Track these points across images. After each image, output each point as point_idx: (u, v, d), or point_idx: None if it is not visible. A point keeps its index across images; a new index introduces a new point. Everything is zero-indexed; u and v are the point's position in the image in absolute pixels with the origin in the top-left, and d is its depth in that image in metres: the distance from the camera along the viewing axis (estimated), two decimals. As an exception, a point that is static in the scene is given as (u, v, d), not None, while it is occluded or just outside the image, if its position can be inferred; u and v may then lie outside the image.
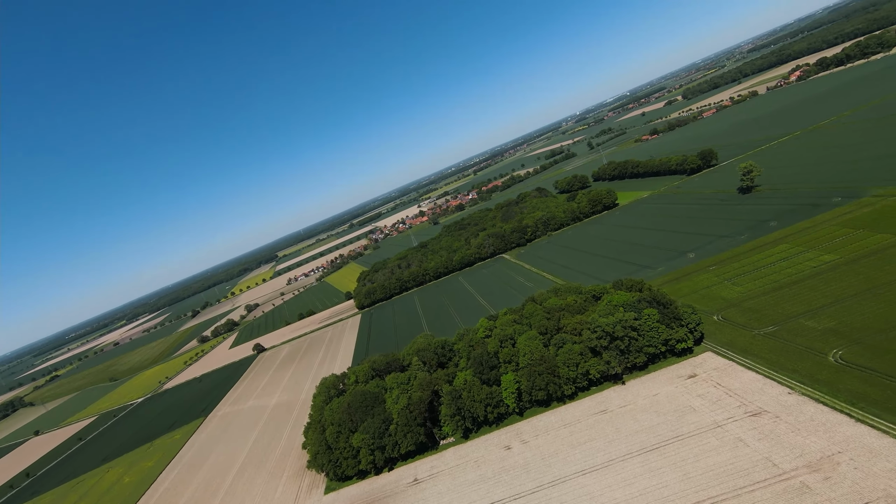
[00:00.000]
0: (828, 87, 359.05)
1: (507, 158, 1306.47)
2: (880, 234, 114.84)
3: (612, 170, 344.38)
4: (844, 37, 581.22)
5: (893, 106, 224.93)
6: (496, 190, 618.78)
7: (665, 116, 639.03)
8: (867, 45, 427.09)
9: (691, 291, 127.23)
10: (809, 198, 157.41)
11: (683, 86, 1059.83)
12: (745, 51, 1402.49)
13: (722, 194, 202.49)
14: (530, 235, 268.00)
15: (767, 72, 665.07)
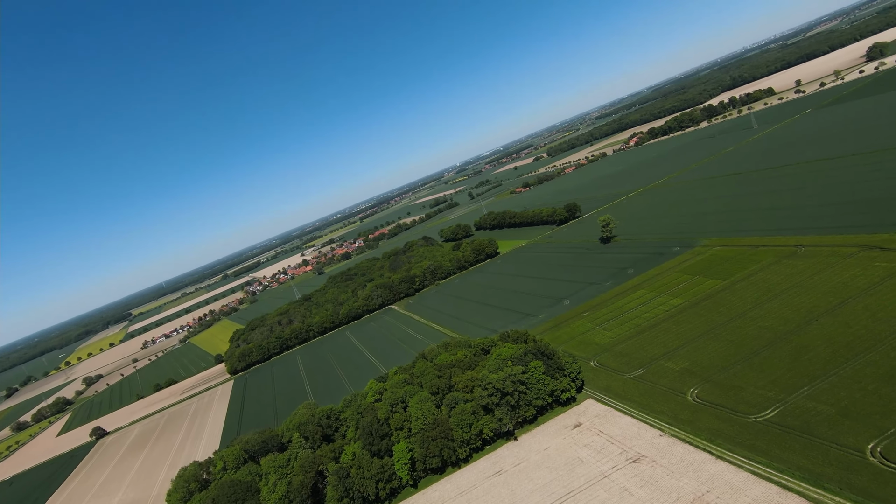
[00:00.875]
0: (658, 152, 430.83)
1: (394, 206, 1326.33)
2: (711, 280, 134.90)
3: (492, 220, 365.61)
4: (665, 112, 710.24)
5: (705, 170, 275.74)
6: (383, 238, 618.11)
7: (534, 171, 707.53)
8: (682, 119, 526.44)
9: (570, 338, 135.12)
10: (655, 247, 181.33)
11: (547, 144, 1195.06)
12: (594, 118, 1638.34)
13: (587, 244, 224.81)
14: (419, 285, 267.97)
15: (612, 137, 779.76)
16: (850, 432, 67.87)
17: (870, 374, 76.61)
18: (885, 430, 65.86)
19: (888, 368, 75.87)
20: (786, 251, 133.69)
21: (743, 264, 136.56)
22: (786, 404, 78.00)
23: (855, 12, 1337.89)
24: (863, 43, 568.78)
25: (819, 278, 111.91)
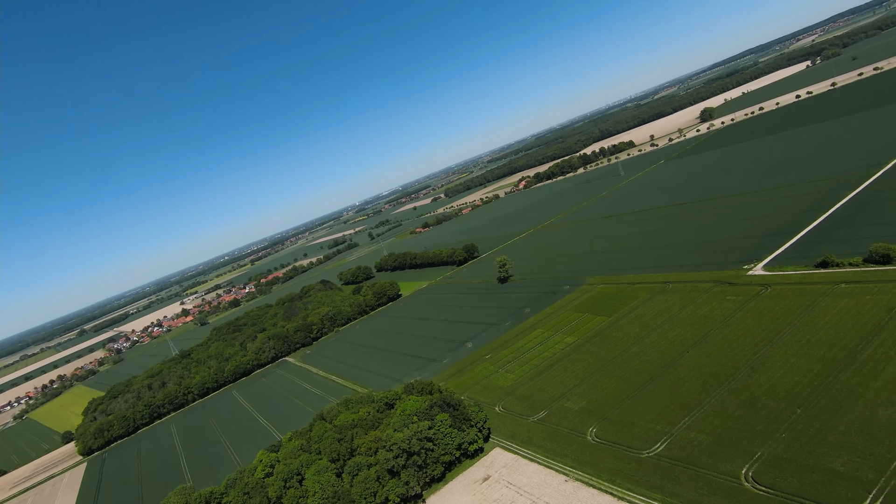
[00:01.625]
0: (544, 195, 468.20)
1: (289, 247, 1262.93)
2: (599, 317, 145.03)
3: (393, 261, 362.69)
4: (548, 158, 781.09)
5: (585, 213, 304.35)
6: (277, 282, 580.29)
7: (433, 211, 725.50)
8: (563, 165, 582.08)
9: (474, 383, 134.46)
10: (548, 286, 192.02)
11: (444, 185, 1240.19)
12: (486, 161, 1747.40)
13: (486, 284, 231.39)
14: (316, 333, 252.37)
15: (503, 179, 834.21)
16: (726, 459, 74.20)
17: (734, 401, 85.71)
18: (753, 454, 73.02)
19: (747, 395, 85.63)
20: (657, 287, 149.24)
21: (624, 301, 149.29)
22: (672, 436, 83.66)
23: (688, 81, 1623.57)
24: (697, 107, 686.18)
25: (686, 312, 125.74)
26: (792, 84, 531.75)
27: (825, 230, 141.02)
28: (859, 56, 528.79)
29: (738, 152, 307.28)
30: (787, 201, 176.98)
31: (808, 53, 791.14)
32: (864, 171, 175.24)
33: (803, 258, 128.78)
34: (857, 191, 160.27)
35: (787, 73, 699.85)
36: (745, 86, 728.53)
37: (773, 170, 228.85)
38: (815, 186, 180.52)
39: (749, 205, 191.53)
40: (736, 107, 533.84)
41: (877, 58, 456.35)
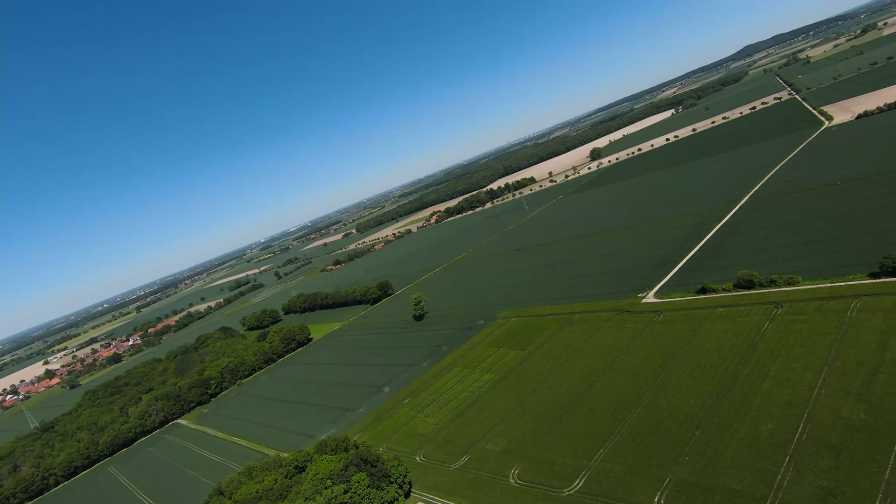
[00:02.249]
0: (455, 229, 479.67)
1: (183, 290, 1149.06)
2: (514, 351, 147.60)
3: (302, 302, 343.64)
4: (457, 193, 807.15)
5: (495, 246, 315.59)
6: (169, 332, 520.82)
7: (345, 248, 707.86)
8: (472, 200, 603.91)
9: (393, 431, 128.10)
10: (463, 322, 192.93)
11: (356, 220, 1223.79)
12: (397, 195, 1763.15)
13: (402, 322, 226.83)
14: (215, 389, 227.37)
15: (415, 214, 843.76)
16: (640, 489, 76.78)
17: (642, 428, 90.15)
18: (662, 480, 76.42)
19: (652, 421, 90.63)
20: (565, 318, 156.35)
21: (536, 333, 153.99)
22: (590, 471, 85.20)
23: (577, 123, 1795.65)
24: (587, 146, 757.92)
25: (592, 342, 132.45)
26: (662, 129, 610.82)
27: (700, 259, 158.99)
28: (711, 107, 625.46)
29: (624, 188, 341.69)
30: (668, 233, 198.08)
31: (672, 103, 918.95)
32: (725, 205, 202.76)
33: (686, 285, 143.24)
34: (721, 223, 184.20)
35: (657, 118, 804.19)
36: (625, 129, 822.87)
37: (654, 204, 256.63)
38: (688, 220, 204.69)
39: (637, 237, 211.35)
40: (619, 147, 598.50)
41: (724, 108, 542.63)
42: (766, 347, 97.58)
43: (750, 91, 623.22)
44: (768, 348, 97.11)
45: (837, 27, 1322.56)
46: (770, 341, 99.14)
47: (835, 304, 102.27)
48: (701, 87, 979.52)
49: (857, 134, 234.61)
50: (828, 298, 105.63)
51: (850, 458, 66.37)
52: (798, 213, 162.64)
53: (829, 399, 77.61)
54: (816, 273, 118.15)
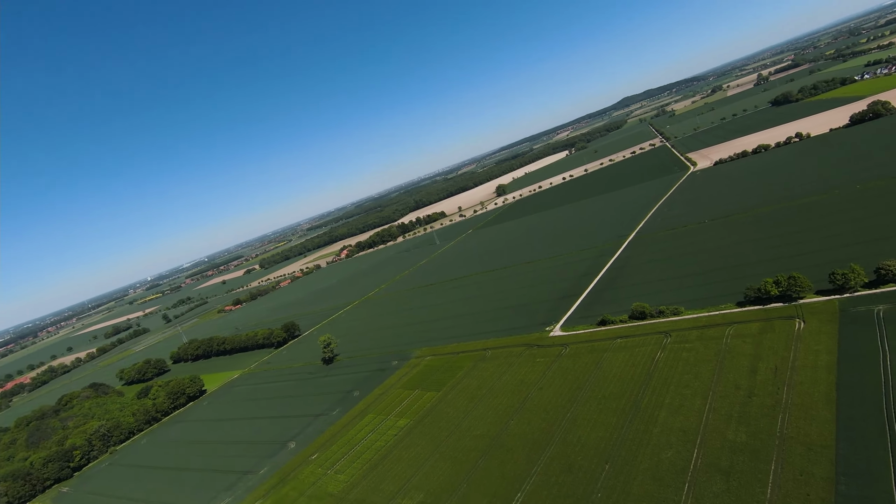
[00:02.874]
0: (367, 264, 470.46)
1: (45, 340, 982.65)
2: (429, 392, 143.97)
3: (195, 348, 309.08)
4: (368, 226, 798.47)
5: (408, 281, 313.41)
6: (22, 391, 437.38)
7: (247, 285, 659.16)
8: (383, 234, 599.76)
9: (299, 495, 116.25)
10: (377, 363, 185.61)
11: (259, 255, 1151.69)
12: (305, 229, 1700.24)
13: (310, 366, 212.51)
14: (80, 461, 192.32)
15: (324, 248, 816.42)
16: (558, 533, 76.28)
17: (556, 467, 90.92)
18: (578, 521, 76.76)
19: (565, 459, 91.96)
20: (478, 355, 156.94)
21: (451, 372, 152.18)
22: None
23: (483, 160, 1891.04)
24: (493, 183, 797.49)
25: (505, 379, 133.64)
26: (559, 168, 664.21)
27: (598, 292, 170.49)
28: (599, 150, 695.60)
29: (528, 224, 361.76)
30: (569, 267, 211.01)
31: (566, 145, 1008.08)
32: (616, 240, 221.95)
33: (588, 317, 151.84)
34: (614, 257, 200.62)
35: (554, 158, 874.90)
36: (526, 167, 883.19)
37: (556, 239, 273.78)
38: (586, 254, 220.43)
39: (542, 270, 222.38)
40: (522, 184, 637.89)
41: (610, 151, 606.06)
42: (660, 376, 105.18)
43: (630, 137, 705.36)
44: (662, 377, 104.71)
45: (693, 86, 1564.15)
46: (663, 370, 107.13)
47: (713, 332, 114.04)
48: (589, 132, 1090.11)
49: (715, 178, 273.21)
50: (707, 327, 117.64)
51: (739, 479, 72.04)
52: (676, 247, 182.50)
53: (716, 423, 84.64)
54: (696, 303, 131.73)
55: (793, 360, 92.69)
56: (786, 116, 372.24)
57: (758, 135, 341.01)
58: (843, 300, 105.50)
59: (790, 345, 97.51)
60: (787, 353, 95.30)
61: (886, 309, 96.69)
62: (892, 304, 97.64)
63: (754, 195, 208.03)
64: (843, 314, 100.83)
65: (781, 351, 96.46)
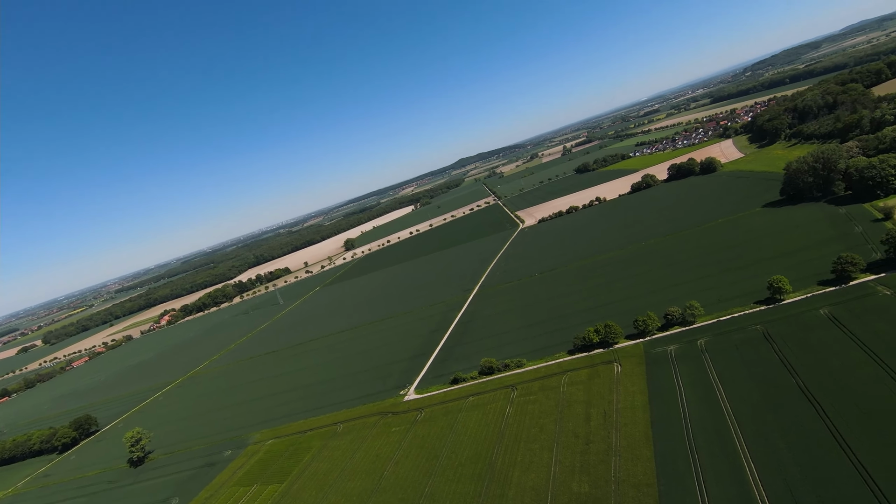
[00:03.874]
0: (195, 330, 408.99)
1: None
2: (271, 486, 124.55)
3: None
4: (198, 286, 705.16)
5: (246, 350, 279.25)
6: None
7: (19, 369, 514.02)
8: (216, 295, 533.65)
9: None
10: (204, 456, 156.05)
11: (44, 327, 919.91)
12: (114, 290, 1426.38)
13: (110, 473, 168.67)
14: None
15: (139, 314, 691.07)
16: None
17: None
18: None
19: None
20: (329, 431, 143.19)
21: (297, 456, 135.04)
22: None
23: (330, 213, 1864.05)
24: (340, 236, 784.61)
25: (359, 456, 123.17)
26: (405, 222, 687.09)
27: (449, 348, 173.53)
28: (442, 206, 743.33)
29: (378, 279, 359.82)
30: (419, 323, 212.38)
31: (412, 200, 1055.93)
32: (462, 294, 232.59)
33: (441, 376, 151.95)
34: (462, 311, 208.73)
35: (401, 213, 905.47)
36: (374, 221, 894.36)
37: (405, 295, 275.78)
38: (435, 309, 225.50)
39: (394, 329, 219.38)
40: (370, 238, 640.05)
41: (452, 208, 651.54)
42: (511, 433, 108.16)
43: (468, 195, 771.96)
44: (512, 433, 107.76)
45: (516, 152, 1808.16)
46: (513, 426, 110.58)
47: (552, 382, 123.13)
48: (432, 188, 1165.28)
49: (540, 234, 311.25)
50: (547, 377, 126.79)
51: (586, 534, 75.16)
52: (515, 299, 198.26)
53: (563, 477, 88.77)
54: (536, 353, 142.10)
55: (616, 402, 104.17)
56: (587, 182, 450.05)
57: (569, 197, 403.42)
58: (646, 342, 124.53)
59: (613, 388, 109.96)
60: (612, 396, 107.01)
61: (676, 348, 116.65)
62: (679, 343, 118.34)
63: (572, 250, 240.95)
64: (647, 355, 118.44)
65: (607, 395, 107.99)
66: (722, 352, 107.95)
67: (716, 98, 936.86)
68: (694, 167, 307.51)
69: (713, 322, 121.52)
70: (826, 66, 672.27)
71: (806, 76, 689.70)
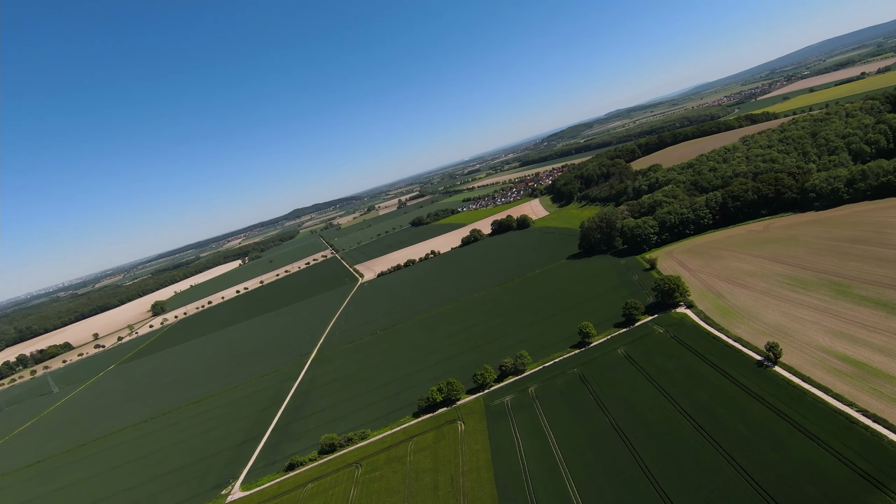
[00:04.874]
0: None
1: None
2: None
3: None
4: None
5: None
6: None
7: None
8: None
9: None
10: None
11: None
12: None
13: None
14: None
15: None
16: None
17: None
18: None
19: None
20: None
21: None
22: None
23: (133, 270, 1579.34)
24: (146, 299, 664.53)
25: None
26: (231, 279, 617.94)
27: (284, 427, 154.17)
28: (274, 260, 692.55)
29: (196, 349, 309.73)
30: (247, 401, 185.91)
31: (239, 254, 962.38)
32: (299, 360, 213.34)
33: (274, 463, 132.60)
34: (298, 380, 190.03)
35: (225, 268, 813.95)
36: (192, 279, 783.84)
37: (231, 367, 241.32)
38: (267, 381, 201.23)
39: (215, 411, 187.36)
40: (186, 300, 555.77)
41: (285, 262, 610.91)
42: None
43: (303, 248, 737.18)
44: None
45: (353, 204, 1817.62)
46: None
47: (397, 452, 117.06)
48: (263, 241, 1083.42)
49: (380, 288, 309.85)
50: (393, 446, 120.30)
51: None
52: (356, 362, 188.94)
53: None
54: (380, 421, 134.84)
55: (462, 465, 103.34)
56: (422, 235, 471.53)
57: (406, 250, 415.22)
58: (486, 395, 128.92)
59: (458, 450, 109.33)
60: (457, 458, 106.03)
61: (511, 398, 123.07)
62: (514, 393, 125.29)
63: (411, 304, 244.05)
64: (487, 410, 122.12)
65: (453, 458, 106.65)
66: (549, 397, 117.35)
67: (524, 162, 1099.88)
68: (512, 223, 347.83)
69: (540, 369, 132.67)
70: (598, 143, 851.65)
71: (585, 149, 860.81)
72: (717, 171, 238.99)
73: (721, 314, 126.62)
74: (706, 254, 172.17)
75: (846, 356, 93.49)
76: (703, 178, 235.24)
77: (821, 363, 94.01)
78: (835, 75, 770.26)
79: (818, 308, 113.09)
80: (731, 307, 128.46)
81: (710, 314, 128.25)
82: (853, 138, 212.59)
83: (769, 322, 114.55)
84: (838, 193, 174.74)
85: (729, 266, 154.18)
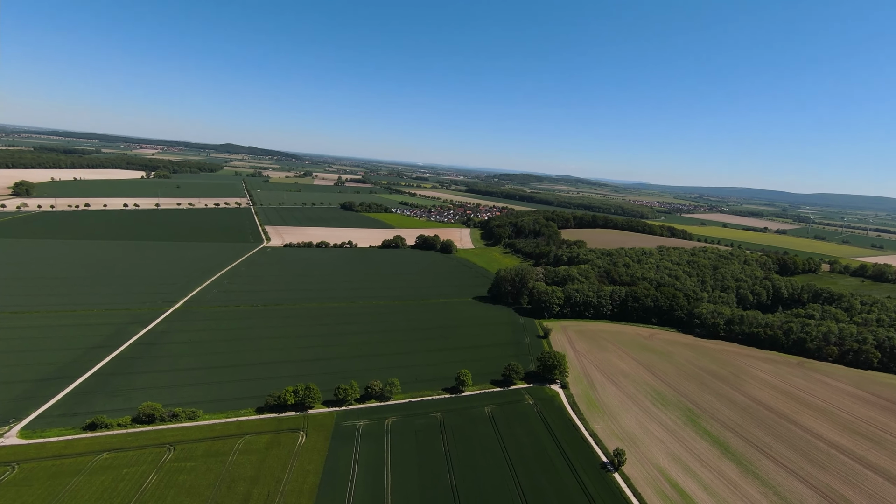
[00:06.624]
0: None
1: None
2: None
3: None
4: None
5: None
6: None
7: None
8: None
9: None
10: None
11: None
12: None
13: None
14: None
15: None
16: None
17: None
18: None
19: None
20: None
21: None
22: None
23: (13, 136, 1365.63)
24: (12, 173, 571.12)
25: None
26: (124, 189, 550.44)
27: (107, 375, 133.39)
28: (182, 187, 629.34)
29: (48, 251, 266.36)
30: (78, 331, 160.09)
31: (146, 165, 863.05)
32: (160, 306, 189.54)
33: (74, 415, 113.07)
34: (148, 327, 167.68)
35: (123, 174, 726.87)
36: (80, 171, 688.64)
37: (80, 285, 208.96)
38: (112, 316, 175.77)
39: (32, 329, 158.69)
40: (62, 191, 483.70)
41: (194, 194, 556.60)
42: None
43: (220, 186, 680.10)
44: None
45: (292, 162, 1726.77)
46: (149, 503, 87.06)
47: (222, 446, 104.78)
48: (179, 162, 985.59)
49: (281, 260, 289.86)
50: (219, 438, 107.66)
51: None
52: (219, 330, 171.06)
53: (184, 585, 71.59)
54: (218, 404, 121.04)
55: (286, 482, 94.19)
56: (346, 222, 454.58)
57: (323, 230, 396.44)
58: (340, 413, 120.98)
59: (288, 464, 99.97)
60: (283, 474, 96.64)
61: (365, 424, 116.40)
62: (370, 419, 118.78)
63: (305, 288, 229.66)
64: (336, 428, 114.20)
65: (279, 472, 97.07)
66: (403, 435, 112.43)
67: (470, 188, 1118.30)
68: (437, 243, 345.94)
69: (406, 402, 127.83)
70: (542, 198, 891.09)
71: (529, 199, 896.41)
72: (630, 268, 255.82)
73: (588, 404, 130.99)
74: (595, 341, 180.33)
75: (676, 483, 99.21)
76: (616, 270, 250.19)
77: (654, 484, 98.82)
78: (745, 220, 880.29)
79: (668, 427, 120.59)
80: (598, 400, 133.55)
81: (579, 401, 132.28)
82: (743, 284, 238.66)
83: (624, 426, 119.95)
84: (717, 328, 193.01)
85: (609, 360, 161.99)
